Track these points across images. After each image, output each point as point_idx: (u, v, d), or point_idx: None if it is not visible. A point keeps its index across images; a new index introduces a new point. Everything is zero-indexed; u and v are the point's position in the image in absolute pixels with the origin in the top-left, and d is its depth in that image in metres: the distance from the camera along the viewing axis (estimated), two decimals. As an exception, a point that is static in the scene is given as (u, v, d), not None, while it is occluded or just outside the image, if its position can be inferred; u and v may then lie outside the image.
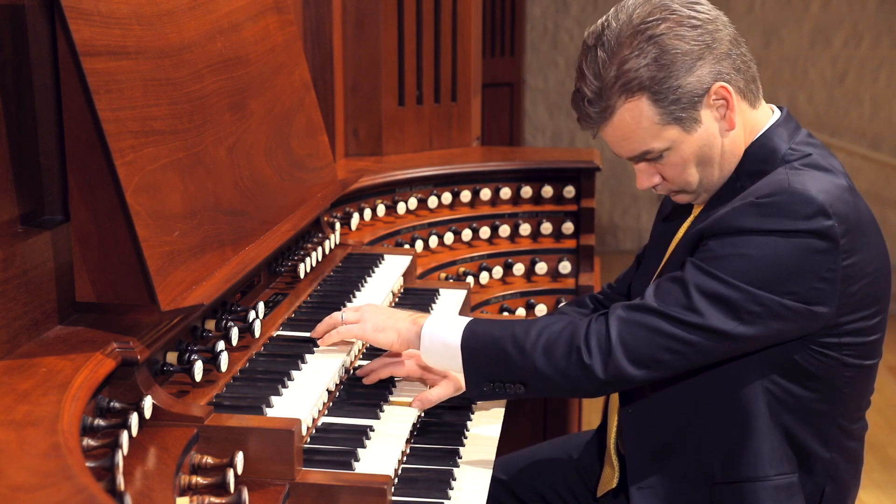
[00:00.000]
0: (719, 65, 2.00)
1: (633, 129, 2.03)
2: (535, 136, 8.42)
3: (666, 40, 1.98)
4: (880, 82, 7.84)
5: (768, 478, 2.04)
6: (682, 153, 2.04)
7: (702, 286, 1.94)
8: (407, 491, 1.95)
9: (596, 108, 2.03)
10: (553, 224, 3.67)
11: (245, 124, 2.37)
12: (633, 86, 1.99)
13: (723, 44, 2.02)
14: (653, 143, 2.03)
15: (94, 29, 1.80)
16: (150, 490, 1.60)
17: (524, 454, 2.57)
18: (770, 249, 1.92)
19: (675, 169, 2.07)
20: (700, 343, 1.95)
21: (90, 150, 1.80)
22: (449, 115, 4.04)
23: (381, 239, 3.28)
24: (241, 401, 1.93)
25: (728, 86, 2.01)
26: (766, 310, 1.93)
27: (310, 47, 3.51)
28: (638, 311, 1.98)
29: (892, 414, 5.20)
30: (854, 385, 2.08)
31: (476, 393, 2.10)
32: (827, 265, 1.93)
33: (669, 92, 1.98)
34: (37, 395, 1.56)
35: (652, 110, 2.00)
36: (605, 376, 1.98)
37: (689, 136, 2.02)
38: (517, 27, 7.69)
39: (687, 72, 1.98)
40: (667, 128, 2.01)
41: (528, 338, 2.03)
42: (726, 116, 2.03)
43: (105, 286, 1.85)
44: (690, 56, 1.98)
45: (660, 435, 2.14)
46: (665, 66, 1.97)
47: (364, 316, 2.22)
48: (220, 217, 2.13)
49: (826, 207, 1.92)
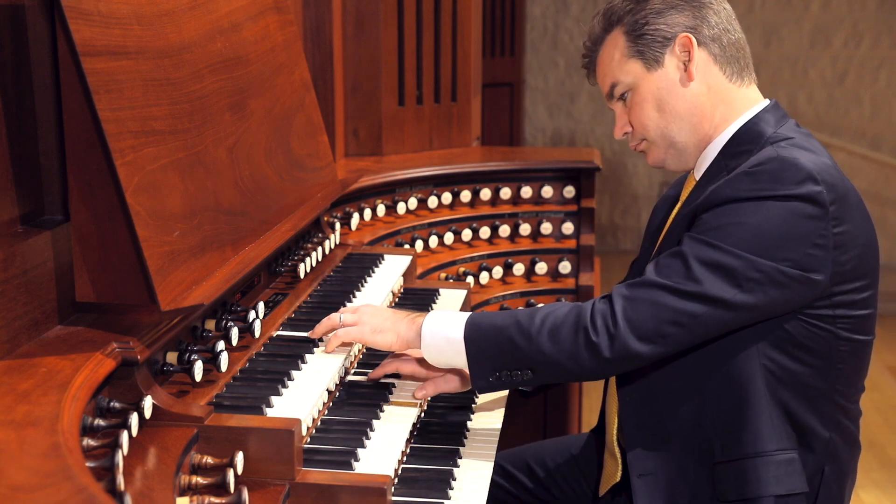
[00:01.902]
0: (694, 22, 2.17)
1: (609, 63, 2.23)
2: (535, 136, 8.42)
3: None
4: (880, 82, 7.84)
5: (769, 453, 2.05)
6: (641, 92, 2.19)
7: (701, 256, 1.99)
8: (407, 491, 1.95)
9: (591, 43, 2.27)
10: (553, 224, 3.67)
11: (245, 124, 2.37)
12: (613, 19, 2.22)
13: (708, 12, 2.18)
14: (619, 75, 2.21)
15: (94, 29, 1.80)
16: (150, 490, 1.60)
17: (525, 449, 2.58)
18: (763, 215, 1.98)
19: (635, 110, 2.22)
20: (703, 313, 1.99)
21: (90, 150, 1.80)
22: (449, 115, 4.04)
23: (381, 239, 3.28)
24: (241, 401, 1.93)
25: (693, 39, 2.15)
26: (764, 276, 1.98)
27: (310, 47, 3.51)
28: (640, 287, 2.02)
29: (892, 414, 5.20)
30: (849, 361, 2.10)
31: (482, 384, 2.11)
32: (819, 231, 1.98)
33: (639, 27, 2.18)
34: (37, 395, 1.56)
35: (623, 42, 2.20)
36: (612, 354, 2.00)
37: (648, 74, 2.18)
38: (517, 27, 7.69)
39: (659, 14, 2.17)
40: (630, 61, 2.19)
41: (532, 323, 2.05)
42: (688, 69, 2.16)
43: (105, 286, 1.85)
44: (665, 1, 2.18)
45: (659, 419, 2.15)
46: (639, 1, 2.19)
47: (362, 318, 2.22)
48: (220, 217, 2.13)
49: (814, 174, 1.99)
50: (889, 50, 7.80)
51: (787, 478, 2.06)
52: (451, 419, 2.29)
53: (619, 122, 2.27)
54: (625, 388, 2.21)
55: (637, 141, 2.26)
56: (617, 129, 2.28)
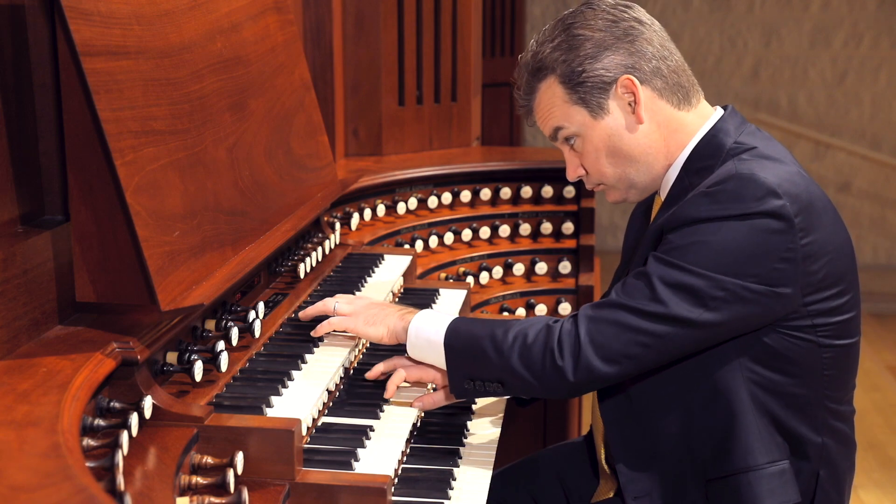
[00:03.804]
0: (632, 59, 2.11)
1: (549, 108, 2.17)
2: (535, 136, 8.42)
3: (575, 28, 2.13)
4: (880, 82, 7.84)
5: (761, 467, 2.04)
6: (591, 140, 2.15)
7: (664, 277, 1.98)
8: (407, 491, 1.95)
9: (523, 92, 2.20)
10: (553, 224, 3.66)
11: (245, 124, 2.37)
12: (543, 66, 2.15)
13: (642, 44, 2.11)
14: (562, 121, 2.16)
15: (94, 29, 1.80)
16: (150, 490, 1.60)
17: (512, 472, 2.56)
18: (727, 234, 1.96)
19: (588, 158, 2.17)
20: (668, 333, 1.98)
21: (90, 150, 1.80)
22: (449, 115, 4.04)
23: (381, 239, 3.28)
24: (241, 401, 1.93)
25: (635, 80, 2.10)
26: (730, 294, 1.96)
27: (310, 47, 3.51)
28: (604, 308, 2.02)
29: (892, 414, 5.20)
30: (835, 366, 2.09)
31: (458, 390, 2.13)
32: (785, 245, 1.96)
33: (574, 74, 2.11)
34: (37, 395, 1.56)
35: (560, 89, 2.14)
36: (576, 378, 2.01)
37: (595, 122, 2.13)
38: (517, 27, 7.69)
39: (593, 58, 2.10)
40: (574, 108, 2.13)
41: (505, 339, 2.06)
42: (636, 112, 2.11)
43: (105, 286, 1.85)
44: (597, 44, 2.11)
45: (644, 438, 2.13)
46: (570, 48, 2.12)
47: (357, 309, 2.25)
48: (220, 217, 2.13)
49: (774, 188, 1.96)
50: (889, 50, 7.79)
51: (780, 489, 2.05)
52: (451, 419, 2.29)
53: (571, 165, 2.22)
54: (606, 407, 2.20)
55: (594, 185, 2.23)
56: (569, 172, 2.23)
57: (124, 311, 1.90)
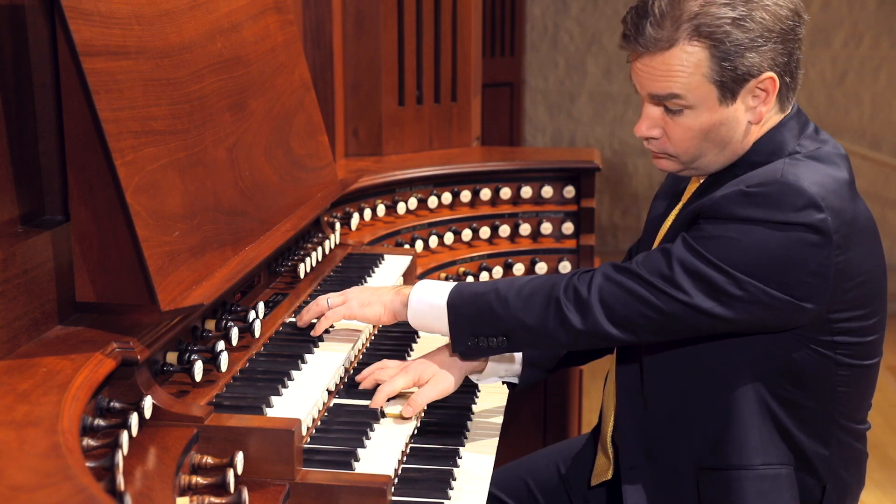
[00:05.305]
0: (782, 57, 1.97)
1: (678, 71, 1.96)
2: (535, 136, 8.41)
3: (758, 5, 1.93)
4: (880, 82, 7.84)
5: (753, 467, 2.03)
6: (700, 119, 1.99)
7: (685, 262, 1.95)
8: (407, 491, 1.95)
9: (657, 32, 1.95)
10: (553, 224, 3.67)
11: (245, 124, 2.37)
12: (705, 31, 1.93)
13: (795, 40, 1.99)
14: (686, 91, 1.96)
15: (94, 29, 1.80)
16: (150, 490, 1.60)
17: (512, 469, 2.56)
18: (759, 239, 1.91)
19: (684, 132, 2.01)
20: (675, 313, 1.96)
21: (90, 150, 1.80)
22: (449, 115, 4.03)
23: (381, 239, 3.28)
24: (241, 401, 1.93)
25: (777, 81, 1.98)
26: (748, 295, 1.92)
27: (310, 47, 3.51)
28: (622, 273, 2.01)
29: (892, 414, 5.20)
30: (850, 384, 2.06)
31: (462, 349, 2.13)
32: (819, 259, 1.90)
33: (732, 56, 1.93)
34: (37, 395, 1.56)
35: (707, 63, 1.94)
36: (581, 327, 2.01)
37: (717, 106, 1.98)
38: (517, 27, 7.69)
39: (756, 48, 1.94)
40: (707, 86, 1.96)
41: (510, 290, 2.07)
42: (757, 109, 2.00)
43: (105, 286, 1.85)
44: (769, 35, 1.94)
45: (653, 419, 2.14)
46: (745, 29, 1.92)
47: (349, 296, 2.26)
48: (220, 217, 2.13)
49: (817, 200, 1.89)
50: (889, 50, 7.79)
51: (771, 493, 2.03)
52: (451, 419, 2.28)
53: (649, 123, 2.05)
54: (620, 374, 2.21)
55: (660, 150, 2.08)
56: (643, 129, 2.05)
57: (124, 311, 1.90)
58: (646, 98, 2.04)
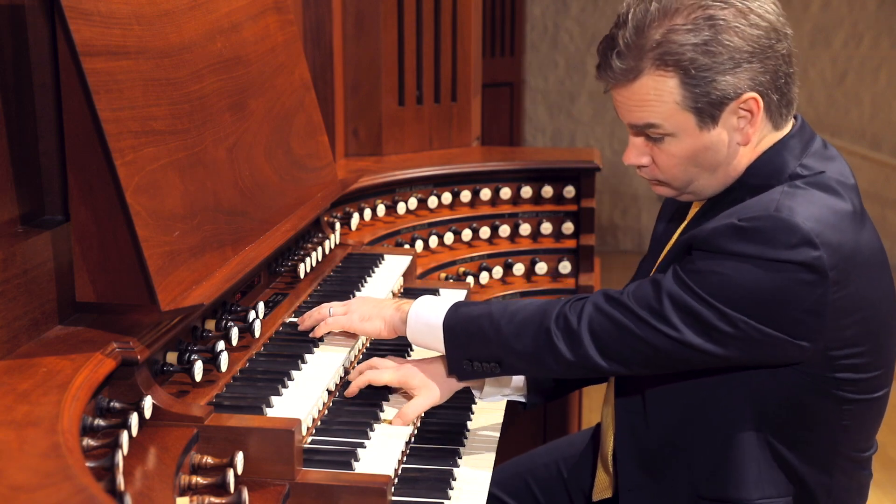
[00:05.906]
0: (762, 76, 1.91)
1: (650, 101, 1.92)
2: (535, 136, 8.42)
3: (724, 28, 1.87)
4: (880, 82, 7.84)
5: (751, 501, 2.00)
6: (684, 146, 1.94)
7: (674, 296, 1.89)
8: (407, 491, 1.95)
9: (623, 63, 1.92)
10: (553, 224, 3.67)
11: (245, 124, 2.37)
12: (670, 60, 1.88)
13: (775, 58, 1.92)
14: (662, 120, 1.93)
15: (94, 29, 1.80)
16: (150, 490, 1.60)
17: (511, 468, 2.55)
18: (750, 276, 1.83)
19: (669, 159, 1.97)
20: (665, 349, 1.91)
21: (90, 150, 1.80)
22: (449, 115, 4.03)
23: (381, 239, 3.29)
24: (241, 401, 1.93)
25: (761, 101, 1.91)
26: (740, 332, 1.86)
27: (310, 47, 3.51)
28: (612, 304, 1.96)
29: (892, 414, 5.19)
30: (856, 418, 1.99)
31: (457, 371, 2.13)
32: (813, 297, 1.83)
33: (703, 82, 1.87)
34: (37, 395, 1.56)
35: (678, 91, 1.89)
36: (570, 358, 1.98)
37: (699, 132, 1.92)
38: (517, 27, 7.69)
39: (729, 70, 1.88)
40: (683, 113, 1.91)
41: (503, 316, 2.05)
42: (744, 130, 1.94)
43: (105, 286, 1.85)
44: (739, 55, 1.88)
45: (652, 443, 2.11)
46: (712, 54, 1.87)
47: (351, 307, 2.26)
48: (220, 217, 2.13)
49: (812, 236, 1.82)
50: (889, 50, 7.79)
51: None
52: (451, 419, 2.28)
53: (636, 153, 2.01)
54: (620, 403, 2.17)
55: (652, 178, 2.04)
56: (631, 158, 2.02)
57: (124, 311, 1.90)
58: (628, 128, 2.02)
